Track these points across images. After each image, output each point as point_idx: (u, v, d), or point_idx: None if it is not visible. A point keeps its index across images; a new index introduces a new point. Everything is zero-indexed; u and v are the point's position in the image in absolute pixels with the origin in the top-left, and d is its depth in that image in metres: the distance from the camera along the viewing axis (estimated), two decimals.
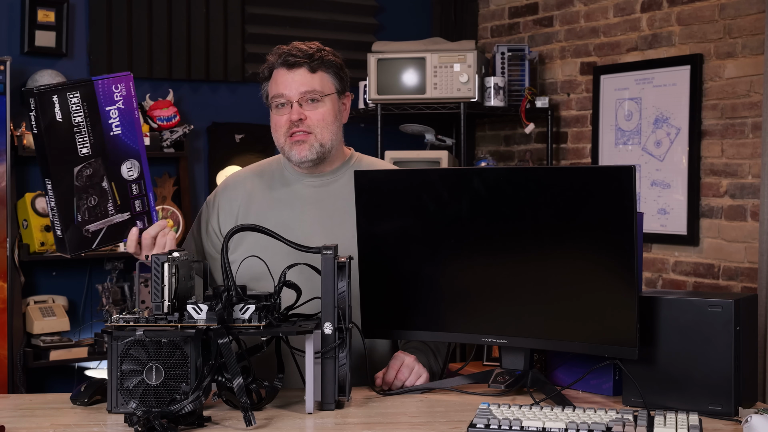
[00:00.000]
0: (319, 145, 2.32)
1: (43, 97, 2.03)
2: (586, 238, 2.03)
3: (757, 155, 3.93)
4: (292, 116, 2.30)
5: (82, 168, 2.06)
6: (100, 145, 2.09)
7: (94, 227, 2.11)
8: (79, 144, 2.06)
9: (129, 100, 2.14)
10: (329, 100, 2.33)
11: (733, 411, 1.94)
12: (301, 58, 2.31)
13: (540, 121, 4.88)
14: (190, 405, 1.85)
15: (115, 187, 2.13)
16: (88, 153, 2.07)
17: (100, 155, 2.09)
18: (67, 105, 2.05)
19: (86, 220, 2.10)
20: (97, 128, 2.08)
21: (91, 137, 2.07)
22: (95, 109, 2.09)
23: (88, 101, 2.07)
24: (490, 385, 2.17)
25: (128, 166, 2.13)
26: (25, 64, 4.37)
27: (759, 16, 3.93)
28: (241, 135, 4.93)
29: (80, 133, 2.07)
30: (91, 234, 2.11)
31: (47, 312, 4.30)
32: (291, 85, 2.31)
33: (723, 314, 1.95)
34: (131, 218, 2.17)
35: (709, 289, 4.12)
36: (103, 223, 2.11)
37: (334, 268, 1.99)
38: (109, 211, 2.12)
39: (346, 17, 5.24)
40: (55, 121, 2.03)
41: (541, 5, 5.05)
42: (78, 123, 2.06)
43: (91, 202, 2.08)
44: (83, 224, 2.10)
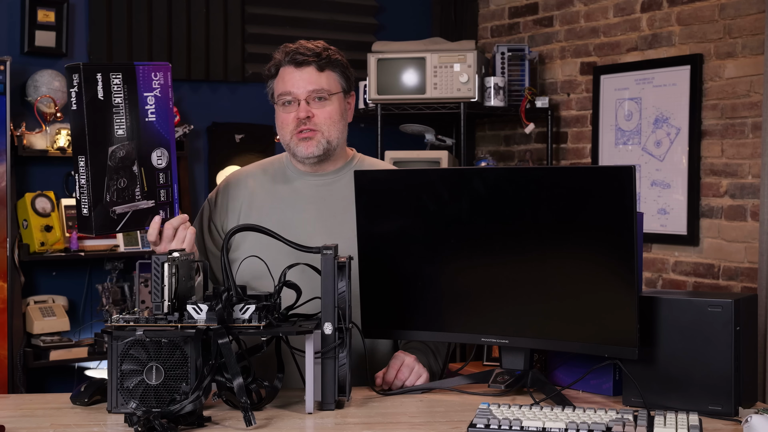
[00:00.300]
0: (326, 141, 2.33)
1: (88, 72, 2.04)
2: (586, 238, 2.03)
3: (757, 155, 3.93)
4: (300, 114, 2.31)
5: (116, 149, 2.06)
6: (135, 129, 2.10)
7: (121, 210, 2.10)
8: (116, 125, 2.07)
9: (166, 90, 2.15)
10: (336, 98, 2.34)
11: (733, 411, 1.94)
12: (309, 56, 2.32)
13: (540, 121, 4.88)
14: (190, 405, 1.85)
15: (144, 173, 2.13)
16: (123, 135, 2.07)
17: (134, 139, 2.09)
18: (110, 84, 2.06)
19: (114, 201, 2.09)
20: (134, 112, 2.09)
21: (128, 120, 2.08)
22: (134, 92, 2.10)
23: (129, 84, 2.08)
24: (490, 385, 2.17)
25: (158, 154, 2.13)
26: (25, 64, 4.37)
27: (759, 16, 3.93)
28: (241, 135, 4.93)
29: (118, 114, 2.07)
30: (117, 216, 2.10)
31: (47, 312, 4.30)
32: (299, 83, 2.31)
33: (723, 314, 1.95)
34: (155, 206, 2.16)
35: (709, 289, 4.12)
36: (128, 207, 2.10)
37: (334, 268, 1.99)
38: (135, 196, 2.11)
39: (346, 17, 5.24)
40: (96, 98, 2.04)
41: (541, 5, 5.05)
42: (117, 104, 2.06)
43: (120, 184, 2.07)
44: (110, 205, 2.09)
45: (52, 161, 4.46)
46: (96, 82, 2.04)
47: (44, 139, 4.36)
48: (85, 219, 2.10)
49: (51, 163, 4.47)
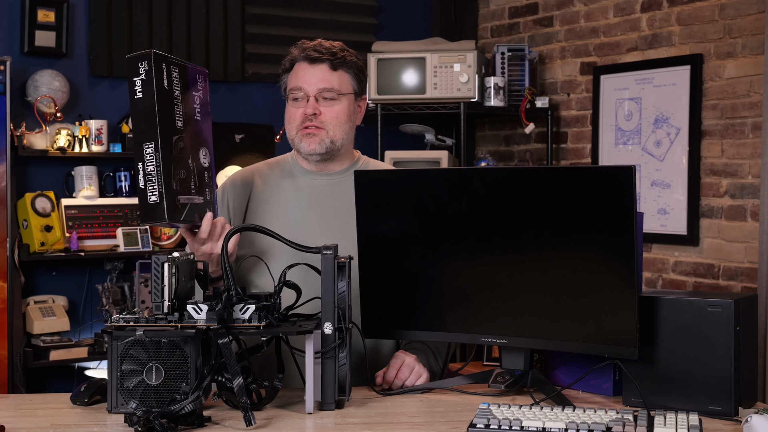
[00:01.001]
0: (330, 141, 2.33)
1: (158, 61, 2.03)
2: (586, 238, 2.03)
3: (757, 155, 3.93)
4: (307, 110, 2.31)
5: (178, 139, 2.05)
6: (188, 124, 2.09)
7: (184, 200, 2.07)
8: (176, 116, 2.06)
9: (206, 93, 2.17)
10: (345, 99, 2.35)
11: (733, 411, 1.94)
12: (324, 54, 2.33)
13: (540, 121, 4.88)
14: (190, 405, 1.85)
15: (195, 168, 2.12)
16: (182, 127, 2.06)
17: (187, 133, 2.09)
18: (171, 76, 2.06)
19: (178, 190, 2.06)
20: (188, 108, 2.08)
21: (183, 114, 2.07)
22: (187, 89, 2.10)
23: (183, 80, 2.09)
24: (490, 385, 2.17)
25: (203, 153, 2.13)
26: (25, 64, 4.37)
27: (759, 16, 3.93)
28: (241, 135, 4.93)
29: (177, 106, 2.06)
30: (181, 206, 2.07)
31: (47, 312, 4.30)
32: (310, 79, 2.32)
33: (723, 314, 1.95)
34: (204, 203, 2.15)
35: (709, 289, 4.12)
36: (188, 199, 2.07)
37: (334, 268, 1.99)
38: (191, 189, 2.10)
39: (346, 17, 5.24)
40: (163, 86, 2.04)
41: (541, 5, 5.05)
42: (177, 96, 2.06)
43: (182, 175, 2.05)
44: (177, 193, 2.06)
45: (52, 161, 4.46)
46: (162, 72, 2.04)
47: (44, 139, 4.36)
48: (154, 206, 2.02)
49: (51, 163, 4.47)
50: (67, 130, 4.38)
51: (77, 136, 4.42)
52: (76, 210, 4.40)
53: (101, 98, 4.63)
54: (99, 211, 4.45)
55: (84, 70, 4.60)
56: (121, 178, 4.59)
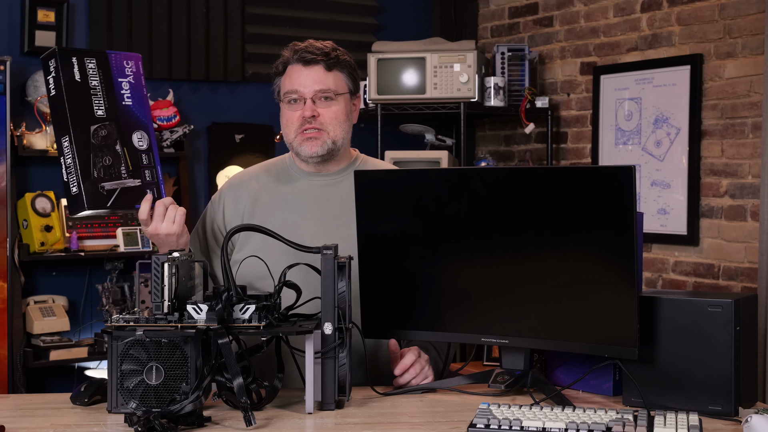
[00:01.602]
0: (331, 141, 2.33)
1: (64, 56, 2.13)
2: (586, 238, 2.03)
3: (757, 155, 3.93)
4: (306, 112, 2.31)
5: (98, 128, 2.13)
6: (114, 110, 2.18)
7: (109, 186, 2.15)
8: (95, 105, 2.16)
9: (138, 77, 2.24)
10: (342, 99, 2.35)
11: (733, 411, 1.94)
12: (318, 55, 2.32)
13: (540, 121, 4.88)
14: (190, 405, 1.85)
15: (127, 152, 2.17)
16: (103, 115, 2.16)
17: (113, 120, 2.17)
18: (85, 68, 2.15)
19: (101, 178, 2.15)
20: (111, 95, 2.18)
21: (106, 102, 2.17)
22: (109, 77, 2.19)
23: (103, 69, 2.18)
24: (490, 385, 2.17)
25: (138, 136, 2.20)
26: (25, 64, 4.37)
27: (759, 16, 3.93)
28: (241, 135, 4.93)
29: (96, 96, 2.16)
30: (106, 192, 2.15)
31: (47, 312, 4.30)
32: (306, 81, 2.32)
33: (723, 314, 1.95)
34: (142, 185, 2.20)
35: (709, 289, 4.12)
36: (117, 184, 2.15)
37: (334, 268, 1.99)
38: (122, 174, 2.16)
39: (346, 17, 5.24)
40: (74, 80, 2.13)
41: (541, 5, 5.05)
42: (94, 86, 2.16)
43: (106, 162, 2.13)
44: (99, 181, 2.14)
45: (52, 161, 4.45)
46: (72, 65, 2.13)
47: (44, 139, 4.36)
48: (75, 197, 2.14)
49: (51, 163, 4.46)
50: None
51: None
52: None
53: None
54: None
55: None
56: None
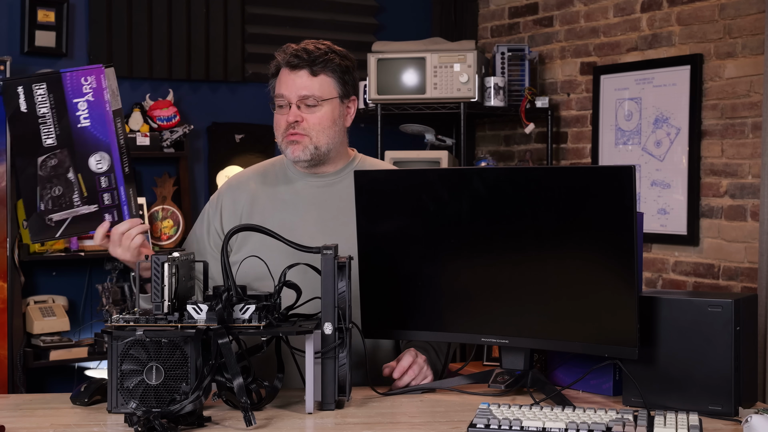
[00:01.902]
0: (313, 147, 2.33)
1: (7, 89, 2.07)
2: (586, 238, 2.03)
3: (757, 155, 3.93)
4: (289, 118, 2.32)
5: (46, 158, 2.08)
6: (67, 136, 2.11)
7: (58, 217, 2.12)
8: (44, 135, 2.09)
9: (99, 93, 2.14)
10: (328, 104, 2.33)
11: (733, 411, 1.94)
12: (305, 60, 2.31)
13: (540, 121, 4.88)
14: (190, 405, 1.85)
15: (82, 178, 2.13)
16: (53, 144, 2.08)
17: (66, 146, 2.11)
18: (33, 96, 2.08)
19: (49, 209, 2.11)
20: (64, 120, 2.10)
21: (57, 128, 2.10)
22: (62, 100, 2.11)
23: (55, 93, 2.09)
24: (490, 385, 2.17)
25: (97, 158, 2.13)
26: (25, 64, 4.37)
27: (759, 16, 3.93)
28: (241, 135, 4.93)
29: (45, 124, 2.09)
30: (55, 223, 2.12)
31: (47, 312, 4.30)
32: (291, 87, 2.32)
33: (723, 314, 1.95)
34: (99, 211, 2.16)
35: (709, 289, 4.12)
36: (67, 214, 2.12)
37: (334, 268, 1.99)
38: (74, 202, 2.12)
39: (346, 17, 5.24)
40: (18, 111, 2.07)
41: (541, 5, 5.05)
42: (43, 114, 2.08)
43: (55, 192, 2.09)
44: (46, 213, 2.11)
45: None
46: (17, 96, 2.06)
47: None
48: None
49: None
50: None
51: None
52: None
53: None
54: None
55: None
56: None
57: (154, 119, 4.62)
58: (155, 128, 4.62)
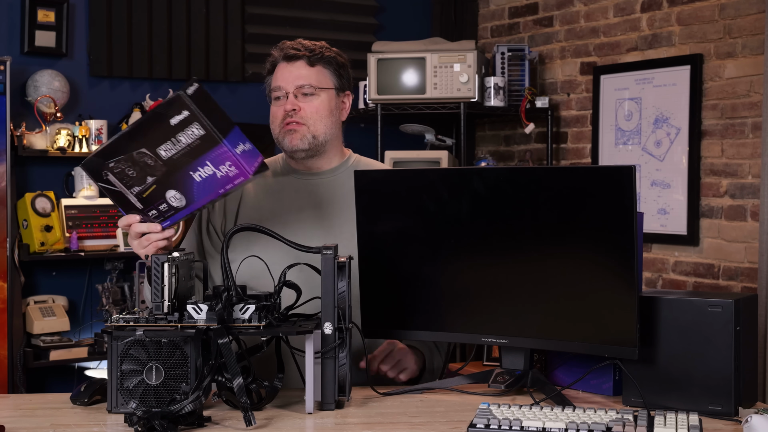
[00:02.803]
0: (311, 136, 2.34)
1: (180, 102, 1.98)
2: (586, 238, 2.03)
3: (757, 155, 3.93)
4: (287, 106, 2.33)
5: (145, 154, 2.02)
6: (175, 167, 2.04)
7: (112, 179, 2.07)
8: (162, 145, 2.01)
9: (226, 180, 2.05)
10: (325, 94, 2.35)
11: (733, 411, 1.94)
12: (301, 51, 2.35)
13: (540, 121, 4.88)
14: (190, 405, 1.85)
15: (154, 191, 2.10)
16: (163, 156, 2.02)
17: (168, 168, 2.04)
18: (188, 126, 1.99)
19: (111, 169, 2.06)
20: (186, 159, 2.03)
21: (176, 156, 2.03)
22: (199, 152, 2.02)
23: (203, 143, 2.01)
24: (490, 385, 2.17)
25: (177, 196, 2.08)
26: (25, 64, 4.37)
27: (759, 16, 3.93)
28: None
29: (170, 143, 2.01)
30: (104, 178, 2.07)
31: (47, 312, 4.30)
32: (288, 77, 2.34)
33: (723, 314, 1.95)
34: (141, 210, 2.14)
35: (709, 289, 4.12)
36: (119, 186, 2.08)
37: (334, 268, 1.99)
38: (132, 190, 2.09)
39: (346, 17, 5.24)
40: (167, 120, 1.99)
41: (541, 5, 5.05)
42: (180, 140, 2.00)
43: (128, 170, 2.04)
44: (106, 168, 2.06)
45: (52, 161, 4.46)
46: (179, 112, 1.98)
47: (44, 139, 4.36)
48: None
49: (51, 163, 4.47)
50: (67, 130, 4.38)
51: (77, 136, 4.42)
52: (76, 210, 4.40)
53: (101, 98, 4.62)
54: (99, 211, 4.45)
55: (84, 70, 4.60)
56: None
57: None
58: None
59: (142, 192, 2.09)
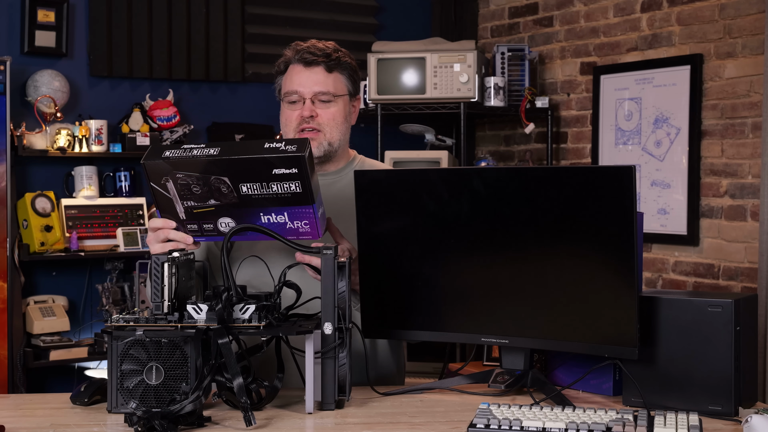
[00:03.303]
0: (327, 143, 2.34)
1: (305, 161, 1.96)
2: (586, 238, 2.03)
3: (757, 155, 3.93)
4: (304, 112, 2.32)
5: (226, 183, 1.99)
6: (248, 202, 2.03)
7: (170, 187, 2.02)
8: (250, 184, 2.00)
9: (292, 232, 2.07)
10: (341, 101, 2.36)
11: (733, 411, 1.94)
12: (319, 56, 2.34)
13: (540, 121, 4.88)
14: (190, 405, 1.85)
15: (208, 211, 2.07)
16: (241, 191, 2.01)
17: (240, 201, 2.03)
18: (290, 179, 1.98)
19: (173, 173, 2.02)
20: (266, 202, 2.03)
21: (257, 195, 2.02)
22: (283, 203, 2.02)
23: (292, 197, 2.00)
24: (490, 385, 2.17)
25: (229, 223, 2.07)
26: (25, 64, 4.38)
27: (759, 16, 3.93)
28: (241, 135, 4.93)
29: (256, 186, 2.00)
30: (160, 183, 2.04)
31: (47, 312, 4.30)
32: (306, 82, 2.33)
33: (723, 314, 1.95)
34: (181, 221, 2.10)
35: (709, 289, 4.12)
36: (172, 193, 2.04)
37: (334, 268, 1.99)
38: (185, 202, 2.05)
39: (346, 17, 5.24)
40: (271, 170, 1.97)
41: (541, 5, 5.05)
42: (269, 187, 2.00)
43: (194, 187, 2.01)
44: (171, 179, 2.03)
45: (52, 161, 4.46)
46: (289, 167, 1.97)
47: (44, 139, 4.36)
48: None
49: (51, 163, 4.47)
50: (67, 130, 4.38)
51: (77, 136, 4.42)
52: (76, 210, 4.40)
53: (101, 98, 4.63)
54: (99, 211, 4.45)
55: (84, 70, 4.60)
56: (121, 178, 4.60)
57: (154, 119, 4.62)
58: (155, 128, 4.62)
59: (194, 208, 2.07)
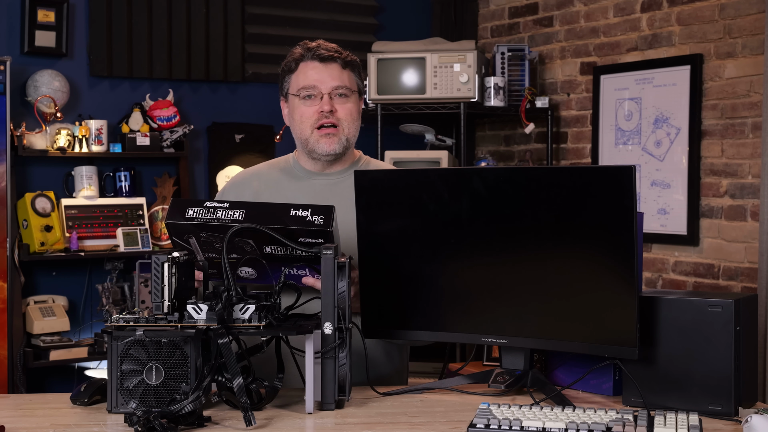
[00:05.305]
0: (345, 139, 2.37)
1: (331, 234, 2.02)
2: (586, 238, 2.03)
3: (757, 155, 3.93)
4: (324, 107, 2.33)
5: (250, 245, 2.03)
6: (271, 259, 2.08)
7: (193, 243, 2.07)
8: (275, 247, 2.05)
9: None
10: (355, 97, 2.40)
11: (733, 411, 1.94)
12: (334, 53, 2.37)
13: (540, 121, 4.88)
14: (190, 405, 1.85)
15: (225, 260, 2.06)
16: (265, 251, 2.04)
17: (262, 257, 2.08)
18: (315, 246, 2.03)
19: (200, 239, 2.07)
20: (290, 261, 2.08)
21: (280, 255, 2.07)
22: (307, 262, 2.08)
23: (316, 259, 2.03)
24: (490, 385, 2.17)
25: (250, 273, 2.12)
26: (25, 64, 4.37)
27: (759, 16, 3.93)
28: (241, 135, 4.93)
29: (281, 248, 2.05)
30: (183, 239, 2.07)
31: (47, 312, 4.30)
32: (324, 77, 2.35)
33: (723, 314, 1.95)
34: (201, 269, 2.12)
35: (709, 289, 4.12)
36: (195, 247, 2.07)
37: (334, 268, 1.99)
38: (206, 253, 2.08)
39: (346, 17, 5.24)
40: (297, 238, 2.02)
41: (541, 5, 5.05)
42: (294, 251, 2.04)
43: (216, 243, 2.05)
44: (194, 237, 2.07)
45: (52, 161, 4.46)
46: (316, 238, 2.02)
47: (44, 139, 4.36)
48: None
49: (51, 163, 4.47)
50: (67, 130, 4.38)
51: (77, 136, 4.42)
52: (76, 210, 4.40)
53: (101, 98, 4.63)
54: (99, 211, 4.45)
55: (84, 70, 4.60)
56: (121, 178, 4.60)
57: (154, 119, 4.62)
58: (155, 128, 4.62)
59: (216, 258, 2.09)
